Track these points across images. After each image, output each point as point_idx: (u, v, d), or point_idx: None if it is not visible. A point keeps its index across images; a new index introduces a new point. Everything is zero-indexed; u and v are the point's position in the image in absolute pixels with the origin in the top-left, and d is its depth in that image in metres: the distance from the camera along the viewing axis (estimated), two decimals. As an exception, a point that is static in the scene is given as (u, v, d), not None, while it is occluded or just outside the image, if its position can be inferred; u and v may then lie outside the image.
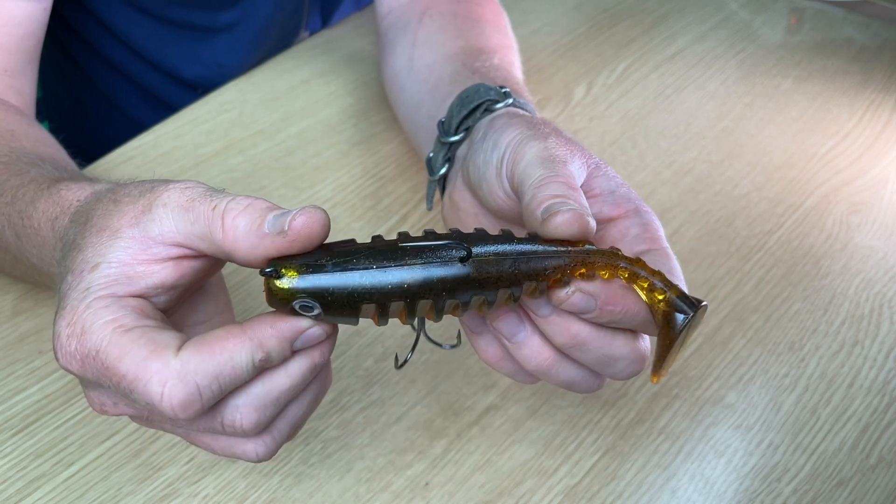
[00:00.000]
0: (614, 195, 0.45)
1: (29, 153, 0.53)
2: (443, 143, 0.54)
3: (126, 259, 0.37)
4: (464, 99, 0.54)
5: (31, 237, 0.45)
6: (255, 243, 0.36)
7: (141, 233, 0.37)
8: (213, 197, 0.37)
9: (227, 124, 0.74)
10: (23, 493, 0.49)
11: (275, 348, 0.36)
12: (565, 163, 0.44)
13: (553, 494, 0.51)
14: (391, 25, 0.73)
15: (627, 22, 0.89)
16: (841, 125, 0.78)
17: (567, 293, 0.39)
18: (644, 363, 0.43)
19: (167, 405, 0.35)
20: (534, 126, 0.47)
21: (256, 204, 0.37)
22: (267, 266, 0.36)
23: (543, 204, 0.41)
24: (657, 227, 0.44)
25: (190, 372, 0.35)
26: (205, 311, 0.43)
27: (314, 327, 0.37)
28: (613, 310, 0.40)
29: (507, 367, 0.45)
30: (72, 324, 0.36)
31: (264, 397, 0.38)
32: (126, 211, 0.38)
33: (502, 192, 0.47)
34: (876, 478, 0.53)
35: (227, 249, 0.37)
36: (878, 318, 0.62)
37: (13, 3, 0.61)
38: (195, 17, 0.82)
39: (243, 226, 0.36)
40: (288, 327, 0.37)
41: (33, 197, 0.46)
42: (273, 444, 0.39)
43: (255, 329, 0.36)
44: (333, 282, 0.36)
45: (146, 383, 0.35)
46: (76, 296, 0.37)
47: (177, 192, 0.38)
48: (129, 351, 0.35)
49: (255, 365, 0.36)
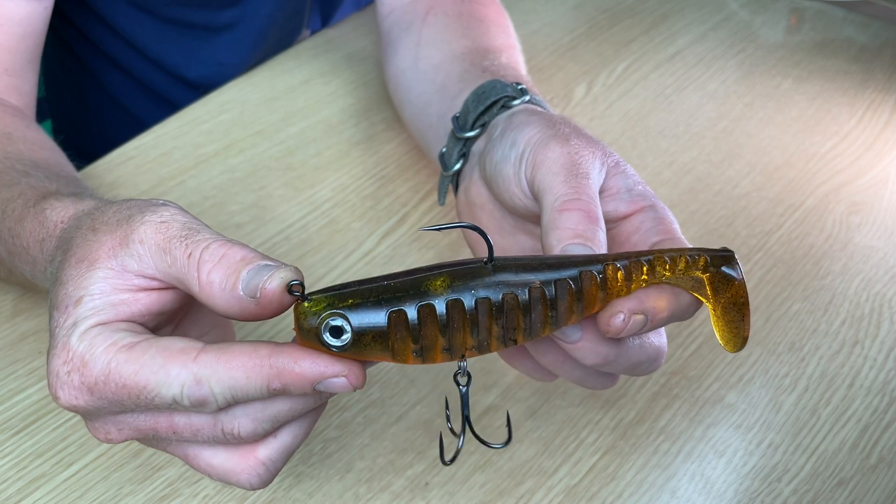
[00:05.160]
0: (631, 193, 0.45)
1: (24, 158, 0.53)
2: (458, 138, 0.54)
3: (107, 289, 0.37)
4: (480, 95, 0.54)
5: (22, 255, 0.45)
6: (229, 303, 0.36)
7: (119, 265, 0.37)
8: (189, 241, 0.37)
9: (227, 124, 0.74)
10: (23, 493, 0.49)
11: (294, 385, 0.36)
12: (587, 175, 0.44)
13: (553, 494, 0.51)
14: (393, 25, 0.73)
15: (627, 22, 0.89)
16: (841, 125, 0.78)
17: (622, 320, 0.39)
18: (663, 357, 0.43)
19: (185, 404, 0.35)
20: (554, 125, 0.47)
21: (231, 255, 0.36)
22: (294, 290, 0.36)
23: (563, 243, 0.41)
24: (671, 220, 0.45)
25: (205, 377, 0.35)
26: (201, 324, 0.43)
27: (339, 377, 0.36)
28: (662, 317, 0.40)
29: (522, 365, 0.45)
30: (69, 360, 0.36)
31: (263, 411, 0.37)
32: (104, 241, 0.38)
33: (519, 191, 0.46)
34: (876, 478, 0.53)
35: (205, 303, 0.37)
36: (878, 318, 0.62)
37: (14, 2, 0.61)
38: (196, 15, 0.82)
39: (217, 283, 0.36)
40: (312, 369, 0.35)
41: (21, 215, 0.45)
42: (267, 474, 0.39)
43: (280, 358, 0.35)
44: (362, 293, 0.36)
45: (167, 387, 0.35)
46: (65, 333, 0.37)
47: (153, 228, 0.37)
48: (144, 363, 0.35)
49: (269, 390, 0.36)
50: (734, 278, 0.40)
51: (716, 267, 0.40)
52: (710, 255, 0.40)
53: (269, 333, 0.58)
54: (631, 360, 0.42)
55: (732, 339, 0.42)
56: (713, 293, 0.41)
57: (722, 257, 0.40)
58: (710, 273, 0.40)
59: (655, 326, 0.40)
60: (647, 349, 0.42)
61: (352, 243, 0.65)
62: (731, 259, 0.40)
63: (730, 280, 0.40)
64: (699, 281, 0.40)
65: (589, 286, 0.38)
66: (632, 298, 0.39)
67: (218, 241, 0.37)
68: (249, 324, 0.58)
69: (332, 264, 0.63)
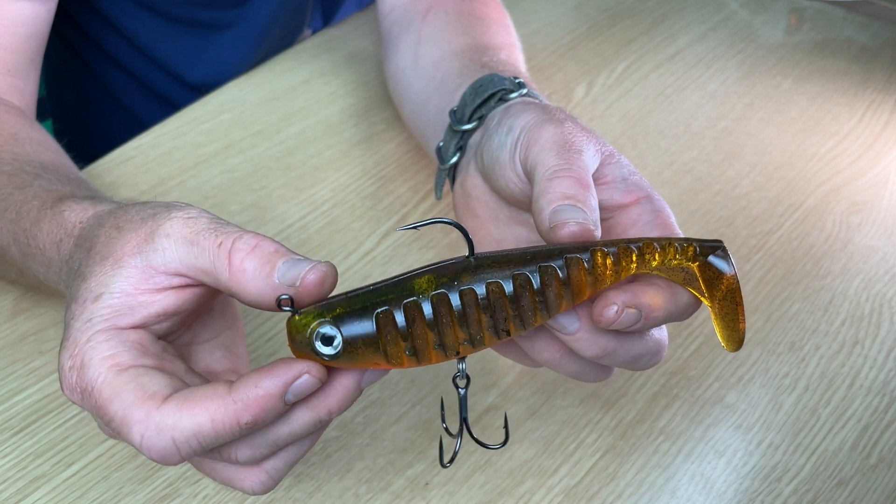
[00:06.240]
0: (626, 182, 0.45)
1: (32, 160, 0.53)
2: (455, 131, 0.54)
3: (128, 289, 0.37)
4: (477, 88, 0.54)
5: (37, 256, 0.46)
6: (263, 291, 0.36)
7: (143, 262, 0.37)
8: (219, 232, 0.37)
9: (227, 124, 0.74)
10: (23, 493, 0.49)
11: (264, 411, 0.35)
12: (581, 151, 0.43)
13: (553, 494, 0.51)
14: (394, 23, 0.73)
15: (627, 22, 0.89)
16: (841, 125, 0.78)
17: (615, 312, 0.38)
18: (664, 351, 0.43)
19: (146, 453, 0.35)
20: (549, 112, 0.47)
21: (264, 246, 0.37)
22: (284, 304, 0.36)
23: (553, 205, 0.40)
24: (668, 214, 0.44)
25: (168, 427, 0.35)
26: (214, 328, 0.43)
27: (304, 376, 0.35)
28: (658, 315, 0.40)
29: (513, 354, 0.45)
30: (73, 356, 0.37)
31: (261, 438, 0.37)
32: (129, 239, 0.38)
33: (515, 176, 0.46)
34: (876, 478, 0.53)
35: (234, 291, 0.37)
36: (878, 318, 0.62)
37: (17, 3, 0.61)
38: (202, 14, 0.82)
39: (251, 270, 0.36)
40: (273, 384, 0.35)
41: (37, 217, 0.46)
42: (269, 482, 0.39)
43: (241, 391, 0.35)
44: (349, 301, 0.36)
45: (129, 430, 0.35)
46: (79, 326, 0.37)
47: (180, 223, 0.37)
48: (119, 393, 0.35)
49: (241, 427, 0.35)
50: (725, 271, 0.40)
51: (704, 256, 0.40)
52: (699, 245, 0.40)
53: (271, 332, 0.58)
54: (631, 353, 0.41)
55: (730, 338, 0.41)
56: (708, 288, 0.40)
57: (711, 247, 0.40)
58: (699, 263, 0.40)
59: (651, 325, 0.40)
60: (648, 342, 0.42)
61: (352, 243, 0.65)
62: (721, 250, 0.40)
63: (721, 272, 0.40)
64: (691, 273, 0.40)
65: (576, 272, 0.38)
66: (627, 291, 0.39)
67: (249, 232, 0.37)
68: (251, 321, 0.58)
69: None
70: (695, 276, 0.40)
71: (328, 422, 0.38)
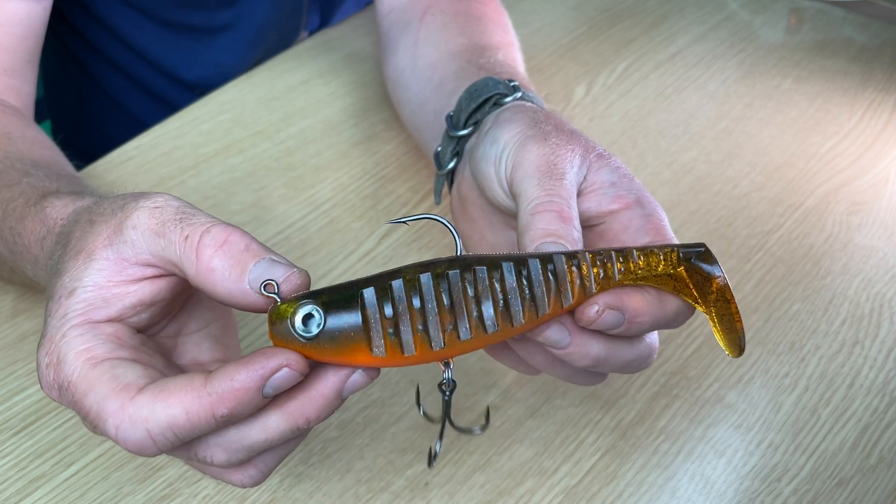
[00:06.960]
0: (615, 187, 0.45)
1: (24, 158, 0.53)
2: (451, 136, 0.54)
3: (101, 282, 0.37)
4: (472, 93, 0.54)
5: (23, 254, 0.46)
6: (233, 294, 0.35)
7: (115, 254, 0.37)
8: (185, 223, 0.36)
9: (227, 124, 0.74)
10: (23, 493, 0.49)
11: (240, 403, 0.34)
12: (563, 175, 0.43)
13: (553, 494, 0.51)
14: (392, 24, 0.73)
15: (627, 22, 0.89)
16: (841, 125, 0.78)
17: (596, 312, 0.39)
18: (654, 355, 0.43)
19: (122, 445, 0.35)
20: (536, 123, 0.47)
21: (234, 242, 0.35)
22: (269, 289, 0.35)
23: (535, 243, 0.41)
24: (661, 218, 0.44)
25: (142, 419, 0.34)
26: (201, 318, 0.42)
27: (280, 370, 0.34)
28: (644, 321, 0.40)
29: (507, 359, 0.45)
30: (49, 353, 0.36)
31: (237, 443, 0.36)
32: (100, 231, 0.38)
33: (500, 190, 0.47)
34: (876, 478, 0.53)
35: (202, 289, 0.36)
36: (878, 318, 0.62)
37: (13, 2, 0.61)
38: (193, 17, 0.82)
39: (220, 270, 0.35)
40: (249, 377, 0.34)
41: (22, 214, 0.45)
42: (259, 475, 0.39)
43: (217, 383, 0.34)
44: (334, 289, 0.36)
45: (104, 422, 0.35)
46: (54, 323, 0.37)
47: (146, 213, 0.37)
48: (94, 386, 0.35)
49: (216, 419, 0.34)
50: (710, 271, 0.40)
51: (688, 260, 0.40)
52: (682, 250, 0.40)
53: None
54: (622, 359, 0.41)
55: (731, 341, 0.41)
56: (700, 293, 0.40)
57: (694, 250, 0.40)
58: (685, 266, 0.40)
59: (639, 330, 0.40)
60: (638, 347, 0.42)
61: (352, 243, 0.65)
62: (705, 251, 0.40)
63: (708, 273, 0.40)
64: (680, 280, 0.40)
65: (562, 269, 0.39)
66: (610, 294, 0.39)
67: (217, 224, 0.36)
68: (249, 316, 0.58)
69: (332, 264, 0.63)
70: (685, 282, 0.40)
71: (307, 430, 0.37)
